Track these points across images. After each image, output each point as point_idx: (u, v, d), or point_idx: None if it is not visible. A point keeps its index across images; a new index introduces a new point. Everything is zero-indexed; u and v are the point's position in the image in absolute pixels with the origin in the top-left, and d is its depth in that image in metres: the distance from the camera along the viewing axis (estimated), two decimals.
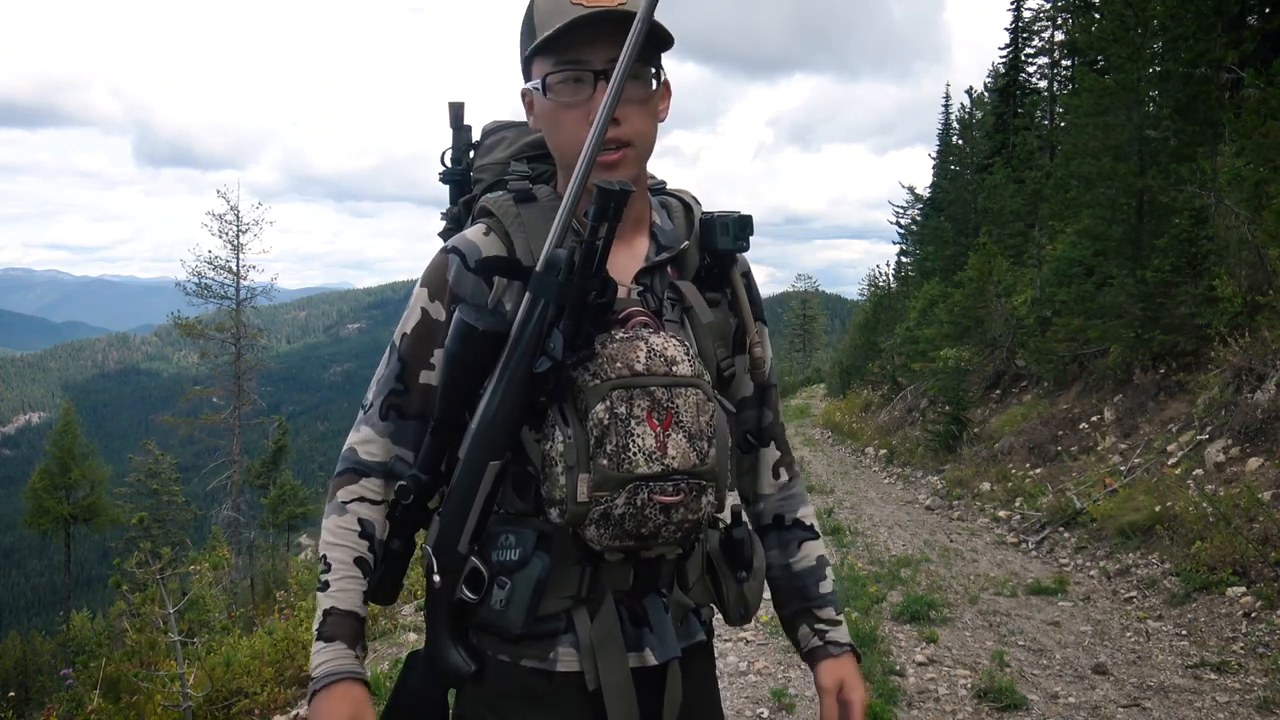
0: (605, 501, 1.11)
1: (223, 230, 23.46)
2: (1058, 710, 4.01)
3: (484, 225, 1.26)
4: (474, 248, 1.23)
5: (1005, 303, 14.96)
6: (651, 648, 1.21)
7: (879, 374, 22.66)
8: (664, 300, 1.26)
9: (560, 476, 1.12)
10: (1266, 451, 6.85)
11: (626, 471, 1.11)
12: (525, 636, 1.19)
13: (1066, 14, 21.82)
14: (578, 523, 1.13)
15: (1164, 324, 9.67)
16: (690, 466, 1.14)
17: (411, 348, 1.26)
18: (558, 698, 1.21)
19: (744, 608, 1.33)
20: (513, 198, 1.26)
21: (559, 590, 1.19)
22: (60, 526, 23.71)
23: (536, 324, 1.12)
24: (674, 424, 1.13)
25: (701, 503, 1.17)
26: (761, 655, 4.72)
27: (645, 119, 1.20)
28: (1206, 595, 5.52)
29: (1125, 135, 10.71)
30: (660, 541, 1.17)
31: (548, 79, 1.18)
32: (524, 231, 1.23)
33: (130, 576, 8.02)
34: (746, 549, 1.33)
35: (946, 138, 30.00)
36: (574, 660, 1.20)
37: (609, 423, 1.11)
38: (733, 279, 1.32)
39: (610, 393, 1.11)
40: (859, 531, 8.69)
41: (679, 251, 1.28)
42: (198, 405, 23.45)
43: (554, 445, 1.13)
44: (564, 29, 1.13)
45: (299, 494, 22.95)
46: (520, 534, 1.18)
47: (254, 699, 4.88)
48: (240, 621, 7.44)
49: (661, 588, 1.25)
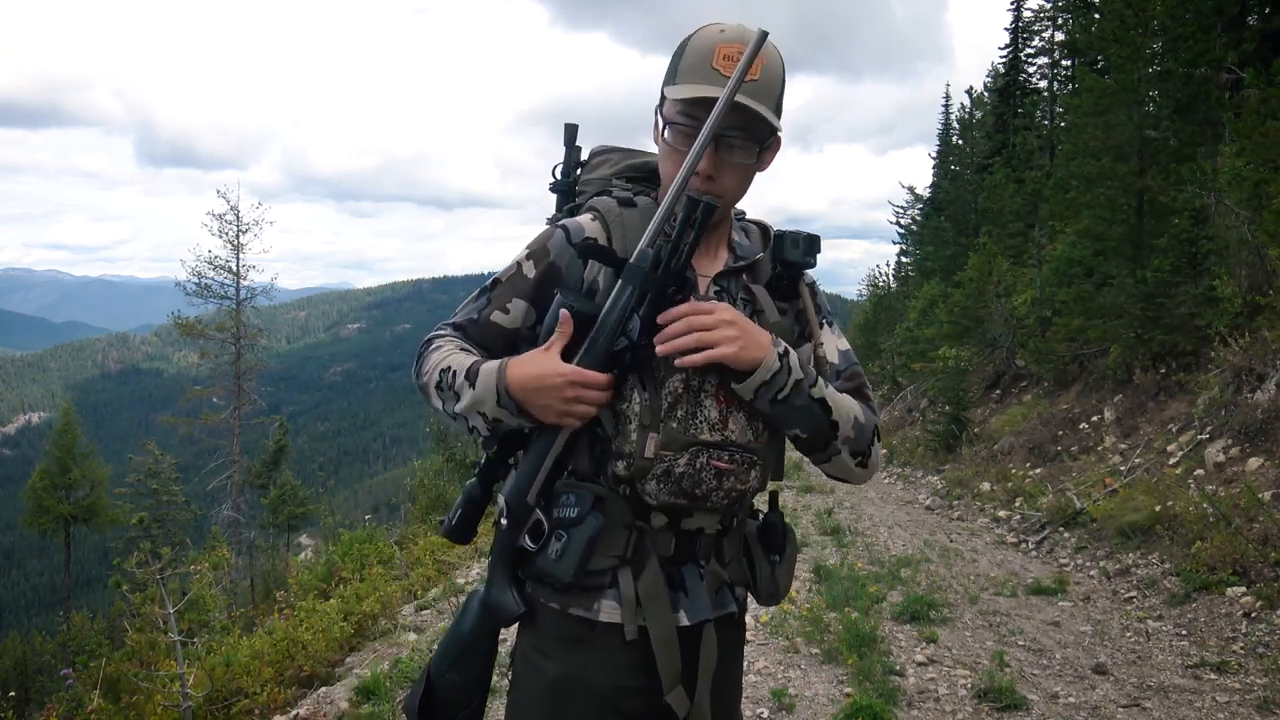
0: (669, 460, 1.30)
1: (223, 230, 23.45)
2: (1058, 710, 4.01)
3: (592, 214, 1.44)
4: (579, 227, 1.41)
5: (1005, 303, 14.96)
6: (685, 610, 1.36)
7: (879, 374, 22.67)
8: (737, 301, 1.43)
9: (633, 433, 1.30)
10: (1266, 451, 6.85)
11: (692, 436, 1.31)
12: (574, 587, 1.34)
13: (1066, 14, 21.81)
14: (641, 475, 1.30)
15: (1164, 324, 9.67)
16: (746, 441, 1.34)
17: (498, 291, 1.44)
18: (598, 644, 1.36)
19: (774, 588, 1.47)
20: (617, 201, 1.45)
21: (608, 549, 1.34)
22: (60, 526, 23.70)
23: (622, 309, 1.28)
24: (737, 403, 1.33)
25: (750, 476, 1.36)
26: (761, 655, 4.71)
27: (738, 179, 1.39)
28: (1206, 595, 5.52)
29: (1125, 135, 10.71)
30: (708, 506, 1.34)
31: (671, 122, 1.36)
32: (623, 229, 1.40)
33: (130, 576, 8.03)
34: (781, 534, 1.49)
35: (946, 138, 30.01)
36: (615, 613, 1.34)
37: (683, 393, 1.31)
38: (800, 290, 1.48)
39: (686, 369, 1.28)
40: (859, 531, 8.69)
41: (754, 261, 1.46)
42: (198, 405, 23.43)
43: (630, 406, 1.30)
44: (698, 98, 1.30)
45: (299, 494, 22.93)
46: (580, 495, 1.34)
47: (254, 699, 4.87)
48: (240, 621, 7.44)
49: (700, 559, 1.39)
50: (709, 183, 1.33)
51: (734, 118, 1.29)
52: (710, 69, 1.30)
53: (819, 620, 5.17)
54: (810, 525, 8.94)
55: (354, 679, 4.69)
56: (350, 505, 51.48)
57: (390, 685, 4.37)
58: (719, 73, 1.29)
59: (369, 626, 5.88)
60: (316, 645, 5.34)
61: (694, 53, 1.32)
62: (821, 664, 4.60)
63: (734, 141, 1.33)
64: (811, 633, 4.99)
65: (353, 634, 5.72)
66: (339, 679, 4.96)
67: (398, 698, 4.27)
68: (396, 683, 4.43)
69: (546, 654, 1.38)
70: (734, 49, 1.29)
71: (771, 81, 1.32)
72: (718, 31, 1.32)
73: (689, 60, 1.32)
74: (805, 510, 9.89)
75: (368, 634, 5.81)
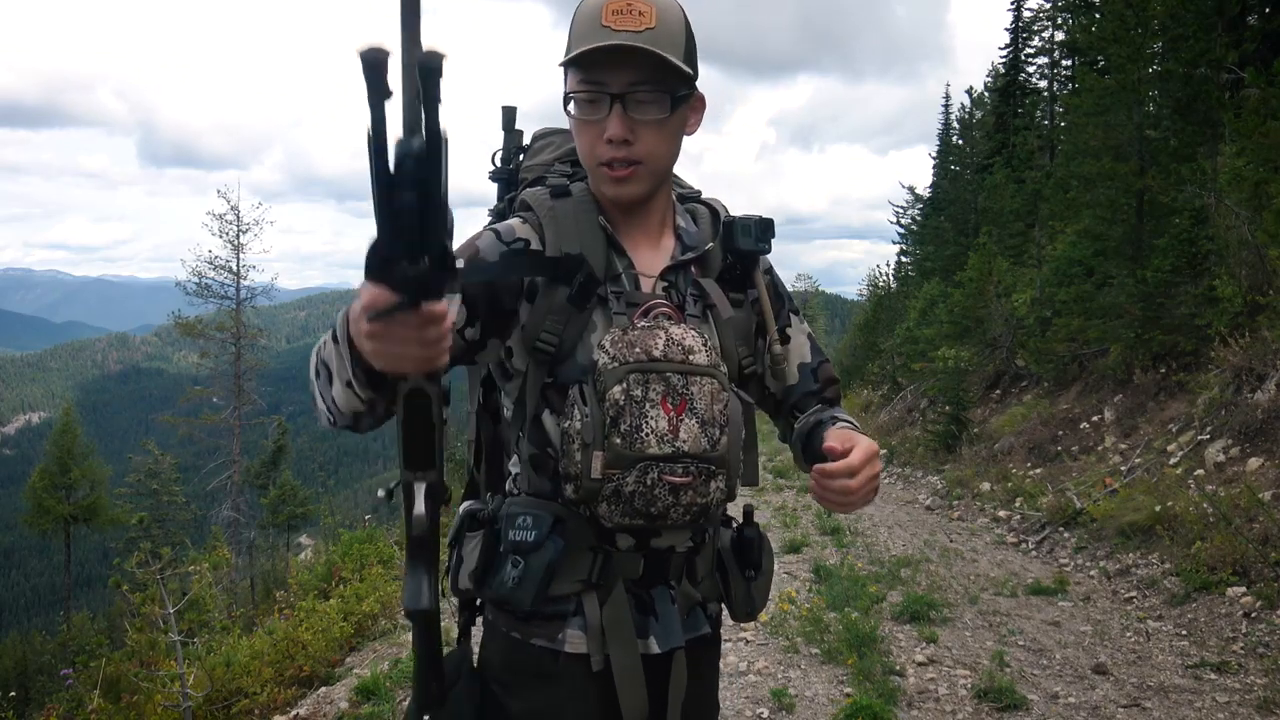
0: (617, 479, 1.18)
1: (223, 230, 23.47)
2: (1058, 710, 4.01)
3: (523, 213, 1.34)
4: (510, 230, 1.30)
5: (1005, 303, 14.95)
6: (656, 636, 1.27)
7: (879, 374, 22.66)
8: (687, 296, 1.32)
9: (576, 453, 1.18)
10: (1266, 451, 6.85)
11: (638, 451, 1.17)
12: (535, 616, 1.26)
13: (1066, 14, 21.81)
14: (591, 499, 1.19)
15: (1164, 324, 9.67)
16: (701, 451, 1.20)
17: None
18: (564, 677, 1.26)
19: (750, 606, 1.39)
20: (549, 192, 1.33)
21: (571, 574, 1.25)
22: (60, 526, 23.71)
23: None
24: (688, 410, 1.20)
25: (710, 488, 1.23)
26: (761, 655, 4.71)
27: (660, 139, 1.26)
28: (1206, 595, 5.52)
29: (1125, 135, 10.70)
30: (670, 523, 1.23)
31: (571, 94, 1.25)
32: (555, 224, 1.29)
33: (130, 576, 8.01)
34: (756, 549, 1.40)
35: (947, 137, 30.01)
36: (581, 642, 1.26)
37: (624, 404, 1.18)
38: (755, 279, 1.39)
39: (627, 376, 1.18)
40: (859, 531, 8.68)
41: (703, 252, 1.35)
42: (198, 405, 23.43)
43: (572, 423, 1.19)
44: (588, 53, 1.20)
45: (299, 494, 22.93)
46: (538, 516, 1.25)
47: (254, 699, 4.87)
48: (240, 621, 7.44)
49: (670, 579, 1.30)
50: (624, 148, 1.23)
51: (638, 70, 1.20)
52: (600, 27, 1.19)
53: (819, 620, 5.17)
54: (810, 525, 8.94)
55: (354, 679, 4.69)
56: (350, 505, 51.47)
57: (390, 685, 4.38)
58: (610, 28, 1.19)
59: (369, 626, 5.87)
60: (316, 645, 5.34)
61: (581, 19, 1.23)
62: (821, 664, 4.60)
63: (641, 95, 1.21)
64: (811, 633, 4.99)
65: (353, 634, 5.72)
66: (339, 679, 4.96)
67: (398, 697, 4.28)
68: (396, 682, 4.43)
69: (508, 689, 1.29)
70: (621, 2, 1.20)
71: (671, 27, 1.22)
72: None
73: (578, 28, 1.23)
74: (805, 510, 9.89)
75: (368, 634, 5.81)
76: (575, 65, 1.23)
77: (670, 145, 1.28)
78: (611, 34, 1.19)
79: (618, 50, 1.19)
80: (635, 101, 1.22)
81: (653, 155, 1.26)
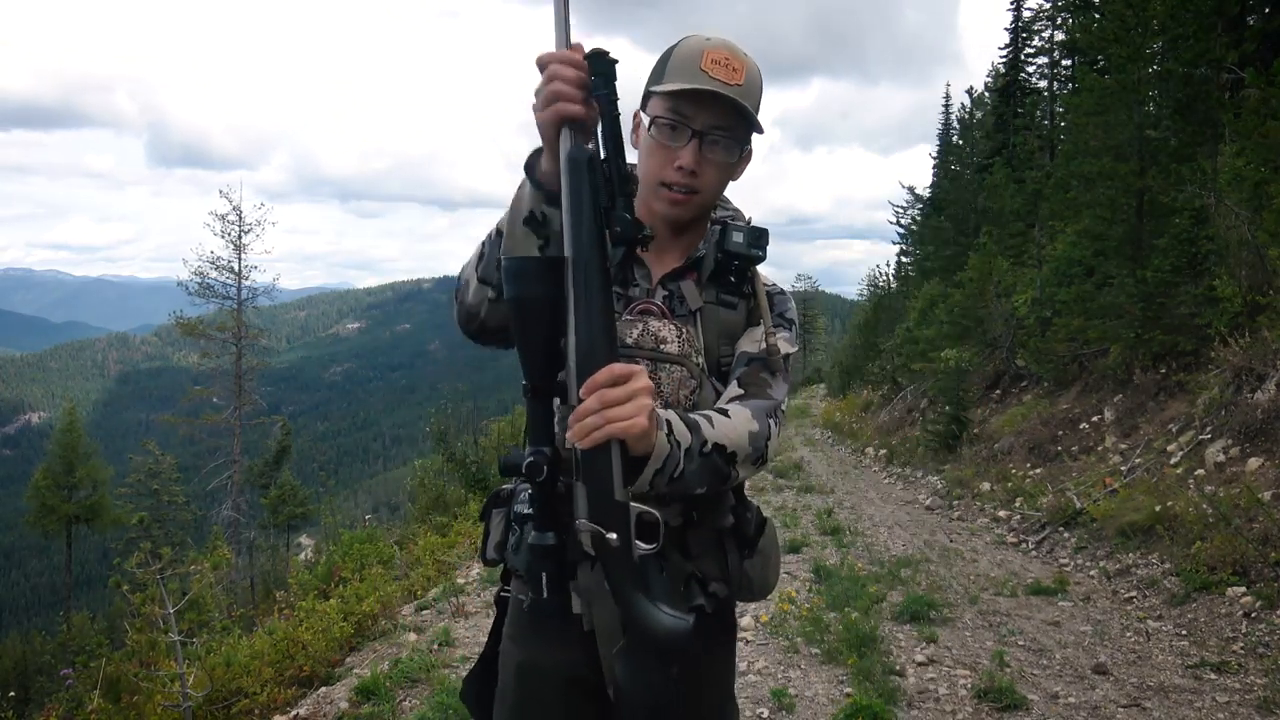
0: None
1: (225, 230, 23.48)
2: (1058, 710, 4.01)
3: None
4: None
5: (1005, 303, 14.96)
6: None
7: (879, 374, 22.66)
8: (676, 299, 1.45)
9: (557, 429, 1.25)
10: (1266, 451, 6.85)
11: None
12: None
13: (1066, 14, 21.81)
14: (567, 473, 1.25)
15: (1164, 324, 9.67)
16: None
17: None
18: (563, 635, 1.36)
19: (747, 584, 1.47)
20: None
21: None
22: (63, 526, 23.73)
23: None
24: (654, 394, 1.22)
25: None
26: (761, 655, 4.72)
27: (718, 179, 1.43)
28: (1206, 595, 5.52)
29: (1125, 135, 10.70)
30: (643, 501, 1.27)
31: (657, 119, 1.39)
32: None
33: (130, 576, 8.01)
34: (750, 529, 1.48)
35: (947, 138, 30.04)
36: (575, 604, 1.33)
37: None
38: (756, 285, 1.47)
39: None
40: (859, 531, 8.68)
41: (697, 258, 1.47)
42: (198, 405, 23.43)
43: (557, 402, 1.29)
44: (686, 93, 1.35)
45: (299, 494, 22.95)
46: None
47: (254, 699, 4.87)
48: (240, 621, 7.44)
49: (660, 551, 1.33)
50: (690, 177, 1.38)
51: (720, 116, 1.36)
52: (698, 70, 1.35)
53: (819, 620, 5.17)
54: (810, 525, 8.94)
55: (354, 679, 4.69)
56: (350, 505, 51.42)
57: (390, 685, 4.38)
58: (706, 74, 1.34)
59: (369, 626, 5.87)
60: (316, 645, 5.34)
61: (681, 56, 1.38)
62: (821, 664, 4.60)
63: (718, 139, 1.38)
64: (811, 633, 4.99)
65: (353, 634, 5.72)
66: (339, 679, 4.96)
67: (398, 697, 4.28)
68: (396, 682, 4.44)
69: (514, 639, 1.48)
70: (721, 54, 1.36)
71: (754, 89, 1.39)
72: (704, 39, 1.39)
73: (677, 63, 1.38)
74: (805, 510, 9.89)
75: (368, 634, 5.81)
76: (667, 95, 1.37)
77: (723, 185, 1.45)
78: (709, 80, 1.34)
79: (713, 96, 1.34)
80: (711, 142, 1.38)
81: (708, 189, 1.42)
